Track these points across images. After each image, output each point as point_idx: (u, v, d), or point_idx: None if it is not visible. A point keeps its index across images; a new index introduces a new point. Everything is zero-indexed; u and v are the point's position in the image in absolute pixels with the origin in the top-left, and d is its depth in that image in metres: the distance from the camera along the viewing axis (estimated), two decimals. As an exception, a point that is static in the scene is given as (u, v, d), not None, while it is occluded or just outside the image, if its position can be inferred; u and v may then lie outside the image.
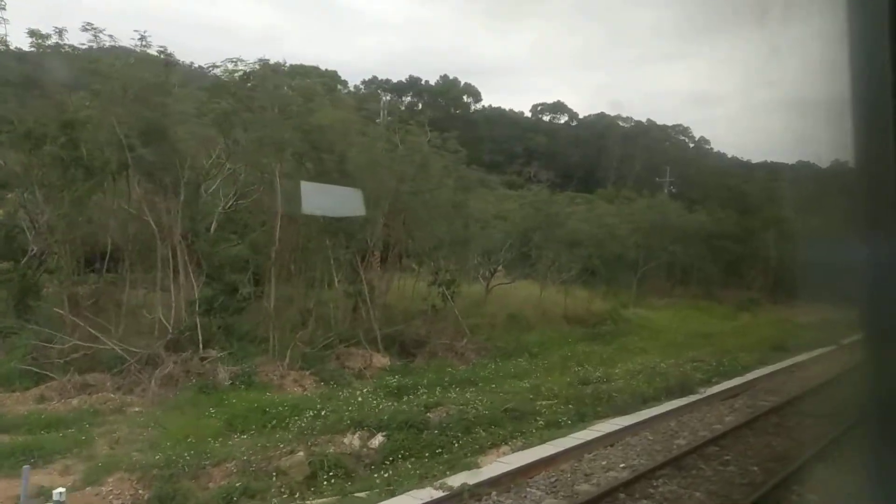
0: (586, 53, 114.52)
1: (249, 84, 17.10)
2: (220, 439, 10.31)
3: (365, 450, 9.91)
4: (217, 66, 18.42)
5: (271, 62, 18.37)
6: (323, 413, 11.03)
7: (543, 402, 12.80)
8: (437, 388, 13.74)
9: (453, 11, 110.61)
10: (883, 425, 1.25)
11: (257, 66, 16.64)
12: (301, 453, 9.44)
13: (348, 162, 15.87)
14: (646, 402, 13.15)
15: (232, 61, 16.61)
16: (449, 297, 19.91)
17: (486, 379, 14.76)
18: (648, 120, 79.41)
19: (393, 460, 9.77)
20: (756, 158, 61.63)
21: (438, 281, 20.05)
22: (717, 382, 15.50)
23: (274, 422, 11.11)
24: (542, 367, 16.81)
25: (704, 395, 13.96)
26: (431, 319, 19.60)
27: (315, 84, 24.20)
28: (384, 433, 10.23)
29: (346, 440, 10.09)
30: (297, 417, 11.07)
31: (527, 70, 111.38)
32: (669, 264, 41.28)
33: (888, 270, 1.22)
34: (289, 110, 15.29)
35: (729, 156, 76.25)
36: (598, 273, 37.86)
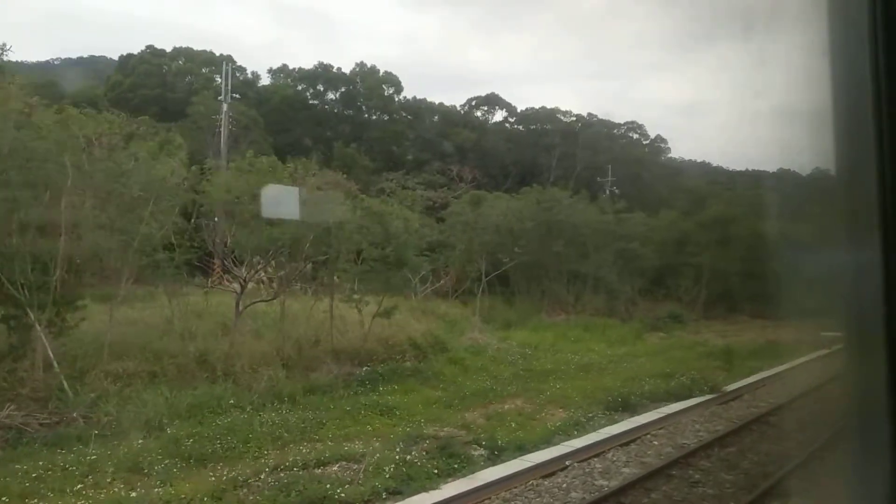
0: (571, 63, 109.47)
1: None
2: None
3: None
4: None
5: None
6: None
7: None
8: None
9: (442, 22, 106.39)
10: (863, 434, 1.26)
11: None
12: None
13: None
14: None
15: None
16: (38, 326, 11.98)
17: None
18: (590, 114, 71.85)
19: None
20: (740, 167, 58.15)
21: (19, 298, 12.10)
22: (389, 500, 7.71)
23: None
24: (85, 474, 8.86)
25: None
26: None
27: None
28: None
29: None
30: None
31: (508, 80, 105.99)
32: (573, 273, 33.77)
33: (867, 278, 1.22)
34: None
35: (713, 164, 72.11)
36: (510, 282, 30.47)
